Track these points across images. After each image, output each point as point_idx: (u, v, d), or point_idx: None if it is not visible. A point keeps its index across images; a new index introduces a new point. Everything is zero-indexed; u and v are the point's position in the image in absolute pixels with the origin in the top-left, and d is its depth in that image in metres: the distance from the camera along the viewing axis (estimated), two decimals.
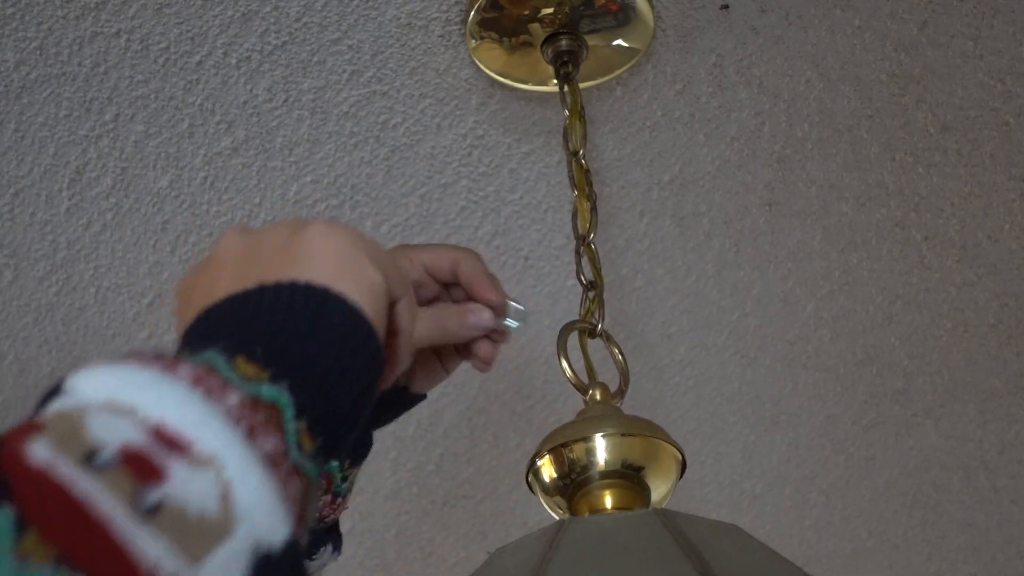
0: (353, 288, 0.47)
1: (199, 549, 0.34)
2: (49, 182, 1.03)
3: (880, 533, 1.45)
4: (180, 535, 0.34)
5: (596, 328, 0.82)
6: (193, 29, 0.94)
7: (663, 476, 0.72)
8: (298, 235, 0.49)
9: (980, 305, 1.22)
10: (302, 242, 0.48)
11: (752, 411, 1.31)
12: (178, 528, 0.34)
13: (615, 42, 0.96)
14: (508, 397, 1.27)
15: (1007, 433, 1.35)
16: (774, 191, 1.11)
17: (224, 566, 0.35)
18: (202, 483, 0.35)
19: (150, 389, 0.37)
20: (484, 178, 1.08)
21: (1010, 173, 1.11)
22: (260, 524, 0.36)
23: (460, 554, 1.40)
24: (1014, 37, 1.01)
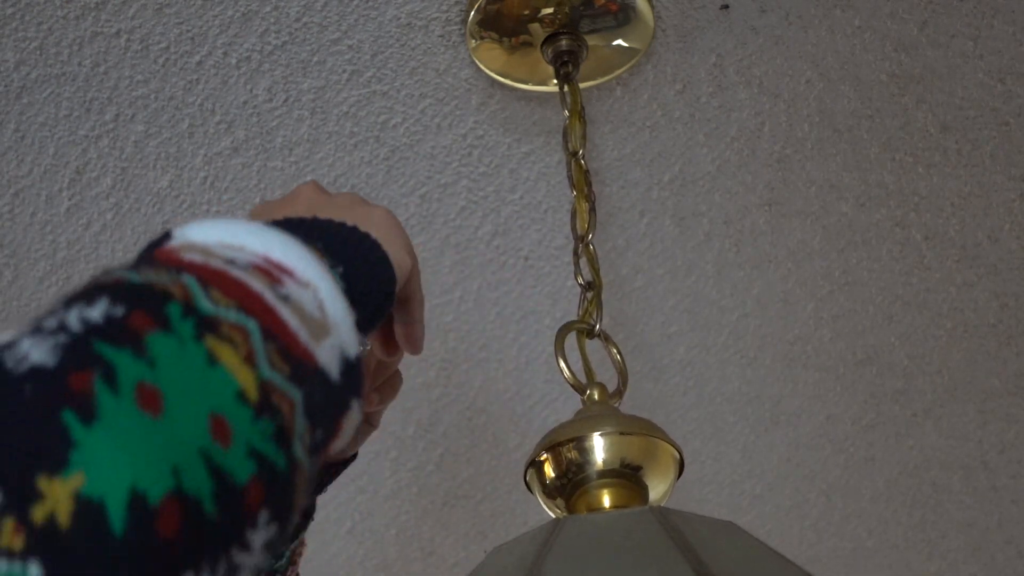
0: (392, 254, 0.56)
1: (315, 335, 0.42)
2: (49, 182, 1.03)
3: (880, 533, 1.45)
4: (303, 321, 0.42)
5: (594, 328, 0.82)
6: (193, 29, 0.94)
7: (661, 475, 0.72)
8: (364, 205, 0.59)
9: (980, 305, 1.22)
10: (367, 209, 0.58)
11: (752, 411, 1.31)
12: (301, 316, 0.42)
13: (615, 42, 0.96)
14: (508, 397, 1.27)
15: (1007, 433, 1.35)
16: (774, 191, 1.11)
17: (329, 356, 0.43)
18: (307, 294, 0.44)
19: (254, 235, 0.45)
20: (484, 178, 1.08)
21: (1010, 173, 1.11)
22: (344, 336, 0.45)
23: (460, 554, 1.40)
24: (1014, 37, 1.01)
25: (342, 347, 0.44)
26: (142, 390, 0.34)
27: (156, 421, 0.34)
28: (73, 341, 0.35)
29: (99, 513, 0.31)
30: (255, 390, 0.38)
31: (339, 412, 0.44)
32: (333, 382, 0.43)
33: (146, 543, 0.32)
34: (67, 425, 0.32)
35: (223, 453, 0.35)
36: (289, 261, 0.45)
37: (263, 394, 0.38)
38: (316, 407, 0.41)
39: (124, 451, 0.32)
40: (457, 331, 1.20)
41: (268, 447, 0.37)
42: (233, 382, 0.37)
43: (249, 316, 0.40)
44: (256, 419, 0.37)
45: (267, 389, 0.38)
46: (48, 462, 0.31)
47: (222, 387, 0.37)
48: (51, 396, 0.33)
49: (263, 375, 0.38)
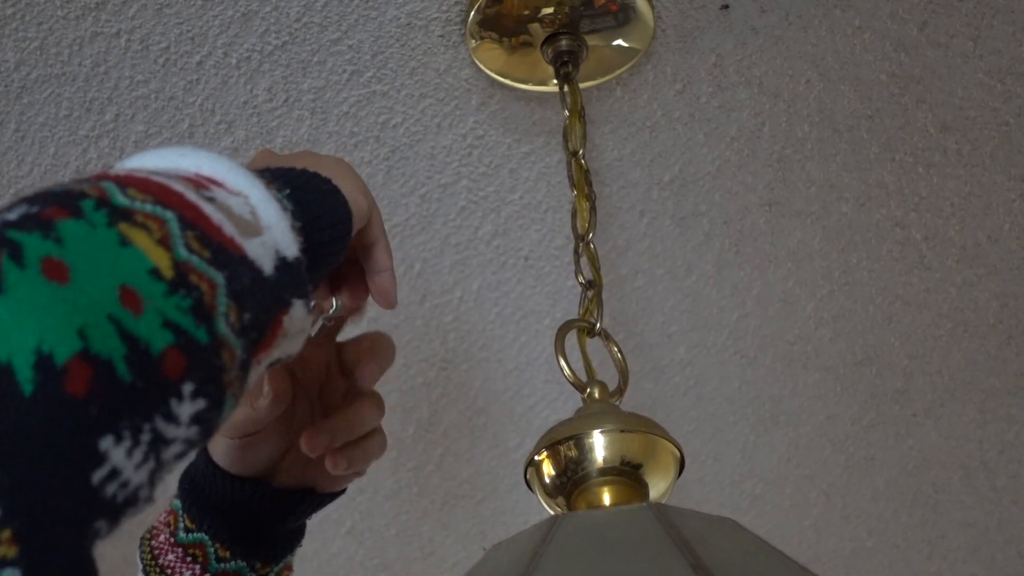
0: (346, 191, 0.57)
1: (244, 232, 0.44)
2: (49, 182, 1.03)
3: (880, 533, 1.45)
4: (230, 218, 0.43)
5: (594, 327, 0.82)
6: (193, 29, 0.94)
7: (661, 473, 0.72)
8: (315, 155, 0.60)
9: (980, 305, 1.22)
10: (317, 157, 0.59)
11: (752, 411, 1.31)
12: (227, 214, 0.43)
13: (615, 42, 0.96)
14: (508, 397, 1.27)
15: (1007, 433, 1.35)
16: (774, 191, 1.11)
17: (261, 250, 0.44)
18: (237, 200, 0.45)
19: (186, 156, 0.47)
20: (484, 178, 1.08)
21: (1010, 173, 1.11)
22: (278, 236, 0.46)
23: (460, 554, 1.40)
24: (1014, 37, 1.01)
25: (276, 246, 0.45)
26: (48, 263, 0.35)
27: (62, 288, 0.35)
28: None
29: (7, 374, 0.33)
30: (169, 268, 0.39)
31: (275, 305, 0.45)
32: (265, 275, 0.44)
33: (56, 400, 0.33)
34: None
35: (135, 320, 0.36)
36: (219, 175, 0.46)
37: (178, 272, 0.39)
38: (243, 292, 0.42)
39: (30, 316, 0.34)
40: (457, 331, 1.20)
41: (185, 320, 0.38)
42: (145, 259, 0.38)
43: (167, 208, 0.41)
44: (170, 293, 0.38)
45: (183, 268, 0.39)
46: None
47: (133, 263, 0.38)
48: None
49: (179, 255, 0.39)
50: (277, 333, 0.45)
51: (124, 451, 0.35)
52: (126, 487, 0.36)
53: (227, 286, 0.41)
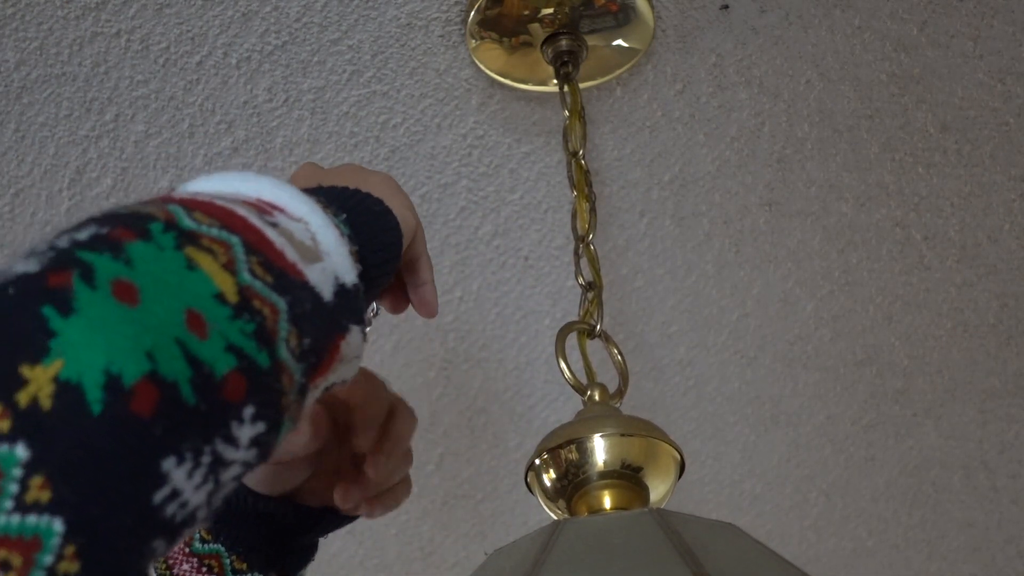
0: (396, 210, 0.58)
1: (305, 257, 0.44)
2: (49, 182, 1.03)
3: (880, 533, 1.45)
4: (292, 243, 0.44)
5: (595, 329, 0.82)
6: (193, 29, 0.94)
7: (662, 476, 0.72)
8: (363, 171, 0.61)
9: (980, 305, 1.22)
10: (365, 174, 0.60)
11: (752, 411, 1.31)
12: (289, 239, 0.44)
13: (615, 42, 0.96)
14: (508, 397, 1.27)
15: (1007, 433, 1.35)
16: (774, 191, 1.11)
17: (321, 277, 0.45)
18: (298, 226, 0.46)
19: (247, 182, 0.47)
20: (484, 178, 1.08)
21: (1010, 173, 1.11)
22: (337, 262, 0.47)
23: (460, 554, 1.40)
24: (1014, 37, 1.01)
25: (335, 272, 0.46)
26: (118, 284, 0.36)
27: (132, 310, 0.36)
28: (56, 252, 0.37)
29: (77, 394, 0.33)
30: (234, 293, 0.39)
31: (333, 330, 0.46)
32: (325, 300, 0.45)
33: (123, 421, 0.34)
34: (47, 317, 0.34)
35: (200, 344, 0.37)
36: (280, 200, 0.47)
37: (243, 297, 0.40)
38: (304, 317, 0.43)
39: (100, 337, 0.35)
40: (457, 331, 1.20)
41: (248, 344, 0.39)
42: (211, 284, 0.39)
43: (232, 232, 0.42)
44: (234, 318, 0.39)
45: (247, 293, 0.40)
46: (30, 352, 0.34)
47: (199, 287, 0.38)
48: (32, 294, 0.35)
49: (243, 280, 0.40)
50: (334, 358, 0.46)
51: (185, 472, 0.36)
52: (185, 507, 0.36)
53: (289, 311, 0.42)
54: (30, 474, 0.32)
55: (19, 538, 0.32)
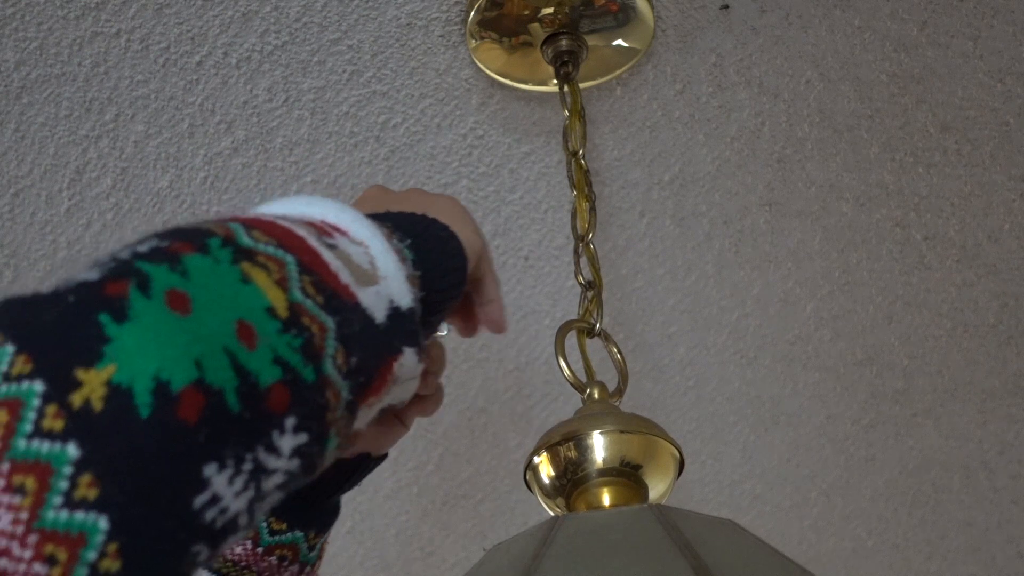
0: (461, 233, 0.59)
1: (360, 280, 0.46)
2: (49, 182, 1.03)
3: (880, 533, 1.45)
4: (348, 266, 0.46)
5: (594, 327, 0.82)
6: (193, 29, 0.94)
7: (661, 474, 0.72)
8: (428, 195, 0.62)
9: (980, 305, 1.22)
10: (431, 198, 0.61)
11: (752, 411, 1.31)
12: (346, 262, 0.46)
13: (615, 42, 0.96)
14: (508, 397, 1.27)
15: (1007, 433, 1.35)
16: (774, 191, 1.11)
17: (375, 299, 0.46)
18: (358, 249, 0.47)
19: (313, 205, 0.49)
20: (484, 178, 1.08)
21: (1010, 173, 1.11)
22: (394, 286, 0.48)
23: (460, 554, 1.40)
24: (1014, 37, 1.01)
25: (390, 295, 0.48)
26: (172, 294, 0.38)
27: (184, 319, 0.37)
28: (117, 262, 0.39)
29: (127, 397, 0.35)
30: (284, 308, 0.41)
31: (385, 352, 0.47)
32: (377, 323, 0.46)
33: (169, 426, 0.35)
34: (102, 324, 0.36)
35: (248, 354, 0.39)
36: (344, 224, 0.48)
37: (292, 313, 0.41)
38: (352, 337, 0.44)
39: (152, 344, 0.36)
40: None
41: (294, 357, 0.41)
42: (263, 298, 0.41)
43: (288, 251, 0.43)
44: (283, 332, 0.41)
45: (297, 310, 0.42)
46: (85, 355, 0.35)
47: (251, 301, 0.40)
48: (90, 300, 0.37)
49: (294, 298, 0.42)
50: (387, 379, 0.47)
51: (226, 479, 0.37)
52: (225, 513, 0.38)
53: (336, 330, 0.43)
54: (80, 472, 0.34)
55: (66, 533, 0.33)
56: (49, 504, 0.33)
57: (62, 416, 0.34)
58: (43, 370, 0.35)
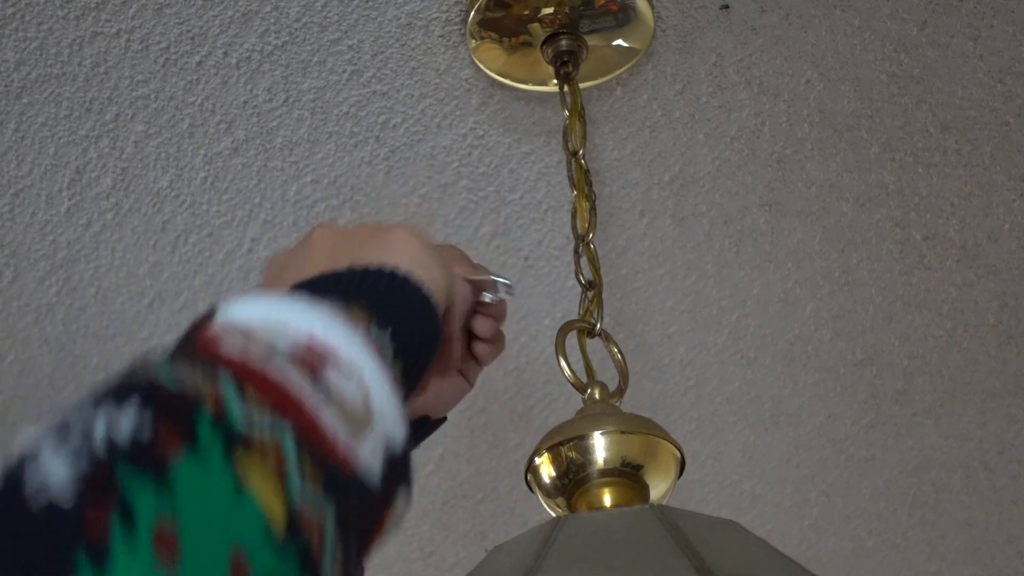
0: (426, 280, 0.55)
1: (356, 430, 0.42)
2: (49, 182, 1.03)
3: (880, 533, 1.45)
4: (343, 417, 0.41)
5: (595, 327, 0.82)
6: (193, 29, 0.94)
7: (662, 474, 0.72)
8: (383, 231, 0.57)
9: (980, 305, 1.22)
10: (386, 237, 0.57)
11: (752, 411, 1.31)
12: (340, 412, 0.42)
13: (615, 42, 0.96)
14: (508, 397, 1.27)
15: (1007, 433, 1.35)
16: (774, 191, 1.11)
17: (370, 454, 0.42)
18: (350, 385, 0.43)
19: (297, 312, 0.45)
20: (484, 178, 1.08)
21: (1010, 173, 1.11)
22: (388, 424, 0.44)
23: (460, 554, 1.40)
24: (1014, 37, 1.01)
25: (386, 437, 0.44)
26: (160, 533, 0.34)
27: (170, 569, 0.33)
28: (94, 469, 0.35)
29: None
30: (282, 518, 0.37)
31: (380, 510, 0.44)
32: (372, 486, 0.43)
33: None
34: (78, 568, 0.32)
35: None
36: (333, 341, 0.44)
37: (291, 520, 0.37)
38: (351, 517, 0.41)
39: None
40: None
41: None
42: (259, 513, 0.37)
43: (284, 419, 0.40)
44: (279, 555, 0.37)
45: (295, 516, 0.38)
46: None
47: (247, 519, 0.36)
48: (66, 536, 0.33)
49: (292, 499, 0.38)
50: (378, 534, 0.45)
51: None
52: None
53: (336, 518, 0.40)
54: None
55: None
56: None
57: None
58: None
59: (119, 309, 1.13)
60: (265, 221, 1.09)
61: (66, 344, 1.15)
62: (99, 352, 1.17)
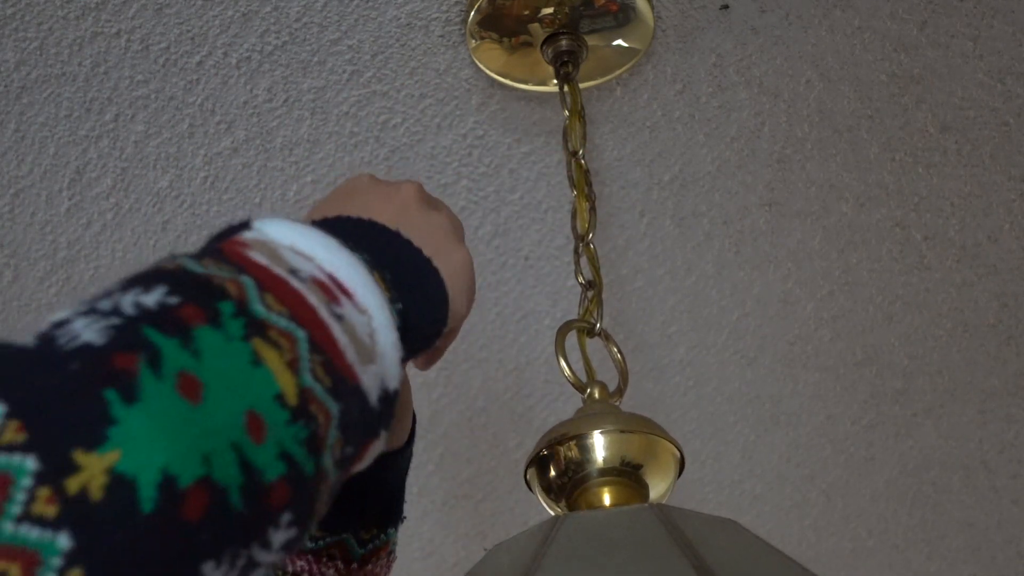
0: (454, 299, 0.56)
1: (362, 358, 0.44)
2: (49, 182, 1.03)
3: (880, 533, 1.45)
4: (353, 342, 0.43)
5: (595, 327, 0.82)
6: (193, 29, 0.94)
7: (662, 473, 0.72)
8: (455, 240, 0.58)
9: (980, 305, 1.22)
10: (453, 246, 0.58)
11: (752, 411, 1.31)
12: (352, 337, 0.44)
13: (615, 42, 0.96)
14: (508, 397, 1.27)
15: (1007, 433, 1.35)
16: (774, 191, 1.11)
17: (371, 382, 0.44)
18: (361, 320, 0.45)
19: (327, 248, 0.46)
20: (484, 178, 1.08)
21: (1010, 173, 1.11)
22: (388, 367, 0.46)
23: (460, 554, 1.40)
24: (1014, 37, 1.01)
25: (384, 377, 0.46)
26: (184, 378, 0.35)
27: (195, 408, 0.35)
28: (124, 324, 0.36)
29: (131, 490, 0.32)
30: (294, 395, 0.39)
31: (369, 436, 0.45)
32: (371, 406, 0.44)
33: (171, 524, 0.33)
34: (108, 402, 0.33)
35: (255, 449, 0.37)
36: (351, 284, 0.46)
37: (302, 400, 0.39)
38: (350, 424, 0.43)
39: (161, 433, 0.34)
40: None
41: (299, 451, 0.39)
42: (273, 384, 0.38)
43: (300, 326, 0.41)
44: (291, 422, 0.39)
45: (306, 396, 0.40)
46: (87, 436, 0.32)
47: (262, 387, 0.38)
48: (96, 373, 0.34)
49: (304, 382, 0.40)
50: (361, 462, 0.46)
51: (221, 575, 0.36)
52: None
53: (339, 418, 0.42)
54: (70, 565, 0.31)
55: None
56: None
57: (56, 501, 0.31)
58: (38, 444, 0.32)
59: None
60: None
61: None
62: None
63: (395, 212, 0.57)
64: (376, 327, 0.46)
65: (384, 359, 0.46)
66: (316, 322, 0.42)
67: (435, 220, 0.58)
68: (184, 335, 0.37)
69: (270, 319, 0.40)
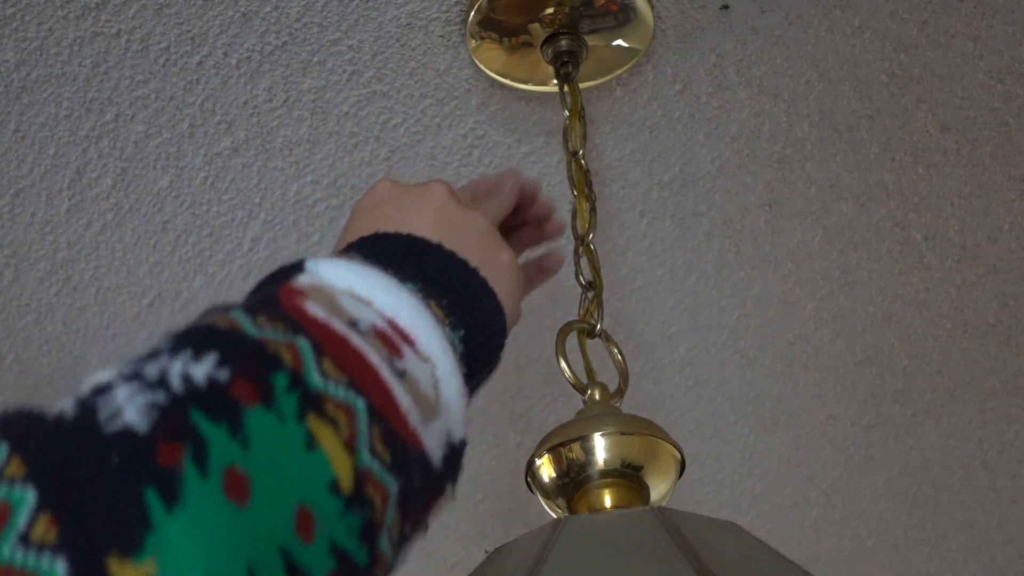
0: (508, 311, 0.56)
1: (426, 415, 0.42)
2: (49, 182, 1.03)
3: (880, 533, 1.45)
4: (416, 400, 0.42)
5: (595, 328, 0.82)
6: (193, 29, 0.94)
7: (662, 475, 0.72)
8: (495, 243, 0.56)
9: (980, 305, 1.22)
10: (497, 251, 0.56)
11: (752, 411, 1.31)
12: (415, 395, 0.42)
13: (615, 42, 0.96)
14: (508, 397, 1.27)
15: (1007, 433, 1.35)
16: (774, 191, 1.11)
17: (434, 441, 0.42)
18: (424, 370, 0.43)
19: (385, 291, 0.45)
20: None
21: (1010, 173, 1.11)
22: (453, 418, 0.44)
23: (460, 554, 1.40)
24: (1014, 37, 1.01)
25: (449, 431, 0.44)
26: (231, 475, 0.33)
27: (240, 512, 0.33)
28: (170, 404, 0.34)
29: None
30: (350, 479, 0.37)
31: (433, 498, 0.44)
32: (434, 469, 0.43)
33: None
34: (148, 505, 0.31)
35: (303, 549, 0.34)
36: (413, 329, 0.44)
37: (357, 484, 0.37)
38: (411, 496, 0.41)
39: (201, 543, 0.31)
40: None
41: (351, 543, 0.37)
42: (328, 469, 0.36)
43: (359, 395, 0.39)
44: (344, 512, 0.36)
45: (363, 478, 0.37)
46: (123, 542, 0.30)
47: (315, 475, 0.36)
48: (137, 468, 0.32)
49: (361, 462, 0.37)
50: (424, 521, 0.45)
51: None
52: None
53: (398, 495, 0.40)
54: None
55: None
56: None
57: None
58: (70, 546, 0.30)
59: (119, 309, 1.13)
60: (265, 221, 1.09)
61: (66, 344, 1.15)
62: (99, 352, 1.17)
63: (433, 220, 0.54)
64: (440, 376, 0.44)
65: (450, 410, 0.44)
66: (377, 386, 0.40)
67: (474, 222, 0.57)
68: (234, 420, 0.34)
69: (327, 391, 0.38)
